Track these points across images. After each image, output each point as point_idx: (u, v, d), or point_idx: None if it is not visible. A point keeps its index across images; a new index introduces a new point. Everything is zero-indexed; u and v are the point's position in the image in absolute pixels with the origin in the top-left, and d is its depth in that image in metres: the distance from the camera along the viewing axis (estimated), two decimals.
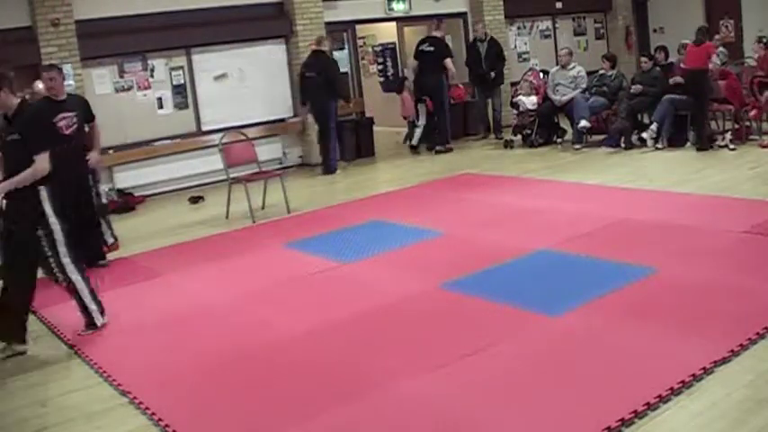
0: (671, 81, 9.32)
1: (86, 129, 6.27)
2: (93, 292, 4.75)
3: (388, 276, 5.34)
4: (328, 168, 10.06)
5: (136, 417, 3.57)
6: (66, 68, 8.25)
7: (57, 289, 4.72)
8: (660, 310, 4.15)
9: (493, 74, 11.37)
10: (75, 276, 4.62)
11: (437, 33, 11.06)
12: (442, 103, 10.92)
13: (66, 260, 4.55)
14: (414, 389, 3.50)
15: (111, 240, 6.70)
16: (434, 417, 3.24)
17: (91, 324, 4.74)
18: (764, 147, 8.52)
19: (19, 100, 4.47)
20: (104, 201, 7.39)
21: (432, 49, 10.82)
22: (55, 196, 4.50)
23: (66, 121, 5.99)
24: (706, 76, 8.76)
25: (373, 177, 9.85)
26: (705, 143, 8.76)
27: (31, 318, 4.81)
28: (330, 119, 9.99)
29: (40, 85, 6.93)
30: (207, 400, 3.64)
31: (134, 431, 3.45)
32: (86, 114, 6.26)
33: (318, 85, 9.83)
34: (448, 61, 10.79)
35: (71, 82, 8.41)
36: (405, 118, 11.73)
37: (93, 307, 4.73)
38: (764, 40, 9.28)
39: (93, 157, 6.31)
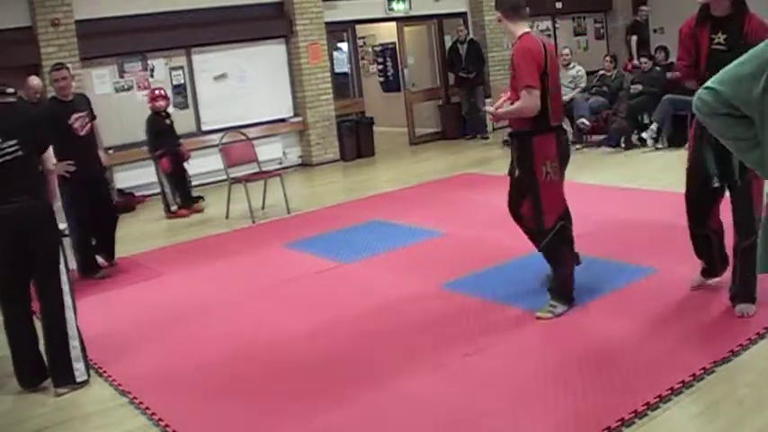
0: (668, 75, 9.33)
1: None
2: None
3: (389, 276, 5.34)
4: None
5: (136, 417, 3.58)
6: None
7: None
8: (660, 310, 4.15)
9: (471, 74, 11.62)
10: None
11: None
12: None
13: None
14: (414, 388, 3.50)
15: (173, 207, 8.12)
16: (435, 416, 3.24)
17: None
18: None
19: None
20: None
21: None
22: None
23: (80, 122, 5.89)
24: None
25: (373, 177, 9.85)
26: None
27: None
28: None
29: (34, 81, 6.89)
30: (207, 400, 3.64)
31: (134, 431, 3.46)
32: (91, 113, 6.20)
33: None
34: (631, 38, 12.31)
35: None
36: None
37: None
38: None
39: (102, 156, 6.28)
